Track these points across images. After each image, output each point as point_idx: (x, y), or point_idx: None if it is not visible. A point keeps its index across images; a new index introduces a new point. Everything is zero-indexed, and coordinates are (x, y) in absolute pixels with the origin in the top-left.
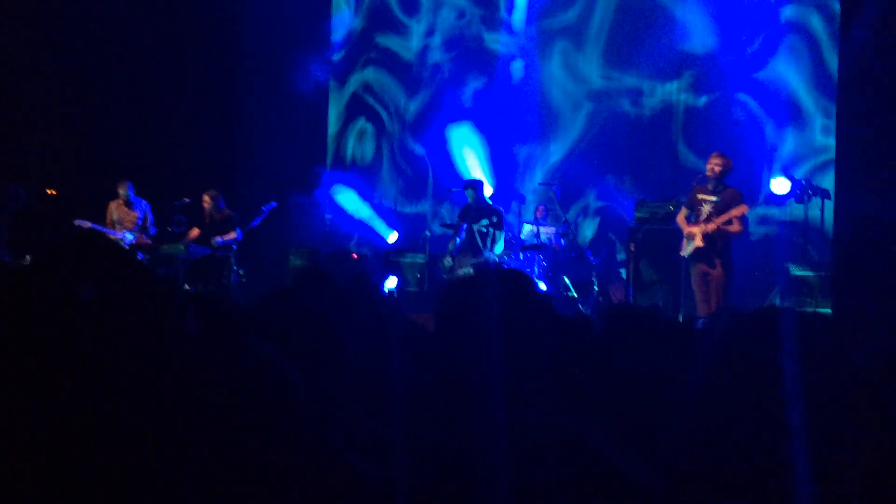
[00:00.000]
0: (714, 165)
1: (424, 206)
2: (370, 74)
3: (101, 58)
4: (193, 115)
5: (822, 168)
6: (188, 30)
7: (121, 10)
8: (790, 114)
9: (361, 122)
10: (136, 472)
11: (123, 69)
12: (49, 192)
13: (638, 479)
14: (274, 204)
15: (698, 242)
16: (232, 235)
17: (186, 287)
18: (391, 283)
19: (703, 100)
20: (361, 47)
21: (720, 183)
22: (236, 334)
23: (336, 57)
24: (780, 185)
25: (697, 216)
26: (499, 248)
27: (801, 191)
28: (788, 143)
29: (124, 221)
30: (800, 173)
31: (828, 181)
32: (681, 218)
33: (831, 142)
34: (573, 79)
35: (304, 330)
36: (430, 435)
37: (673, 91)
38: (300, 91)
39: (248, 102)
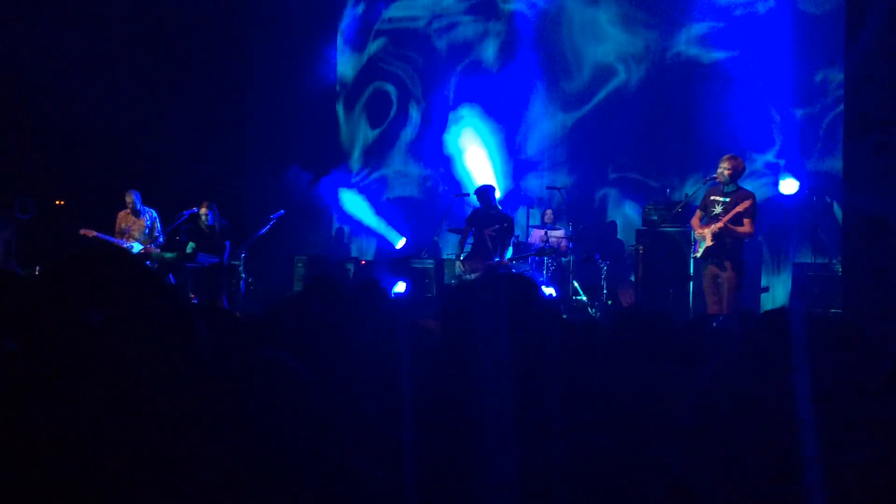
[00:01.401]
0: (724, 169)
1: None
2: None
3: (107, 67)
4: (201, 122)
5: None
6: (194, 36)
7: (128, 19)
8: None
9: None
10: (151, 479)
11: (129, 77)
12: (57, 202)
13: (640, 483)
14: (282, 212)
15: (708, 242)
16: (224, 251)
17: (192, 296)
18: (400, 288)
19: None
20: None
21: (732, 184)
22: (248, 343)
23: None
24: (788, 186)
25: (710, 218)
26: (509, 253)
27: (811, 190)
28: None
29: (132, 230)
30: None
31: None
32: (695, 221)
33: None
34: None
35: (314, 337)
36: (439, 439)
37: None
38: (310, 83)
39: (257, 105)
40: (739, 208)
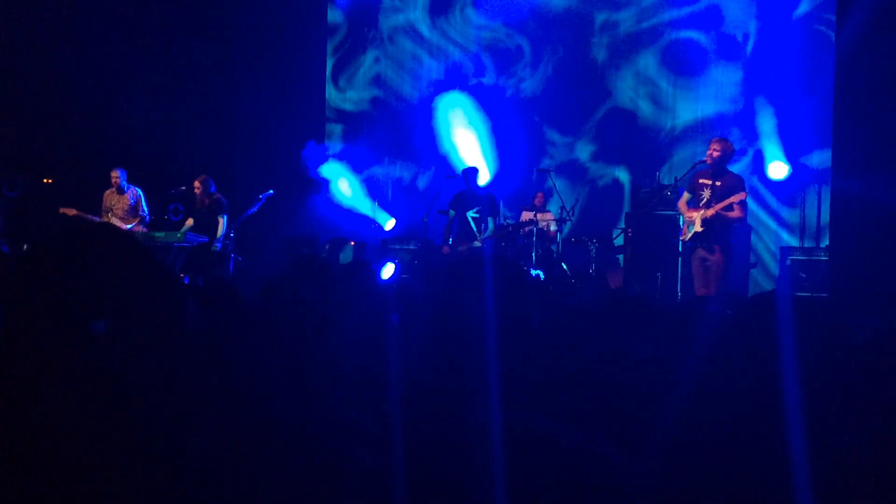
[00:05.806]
0: (713, 151)
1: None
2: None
3: (95, 45)
4: (190, 100)
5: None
6: (181, 11)
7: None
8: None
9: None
10: (135, 458)
11: (117, 56)
12: (46, 180)
13: (629, 473)
14: (270, 192)
15: (697, 227)
16: (220, 228)
17: (182, 276)
18: (389, 270)
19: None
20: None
21: (720, 168)
22: (237, 324)
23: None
24: (777, 170)
25: (698, 201)
26: (489, 231)
27: (799, 175)
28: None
29: (115, 208)
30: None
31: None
32: (682, 203)
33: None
34: None
35: (301, 318)
36: (426, 423)
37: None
38: (301, 58)
39: (246, 82)
40: (734, 199)
